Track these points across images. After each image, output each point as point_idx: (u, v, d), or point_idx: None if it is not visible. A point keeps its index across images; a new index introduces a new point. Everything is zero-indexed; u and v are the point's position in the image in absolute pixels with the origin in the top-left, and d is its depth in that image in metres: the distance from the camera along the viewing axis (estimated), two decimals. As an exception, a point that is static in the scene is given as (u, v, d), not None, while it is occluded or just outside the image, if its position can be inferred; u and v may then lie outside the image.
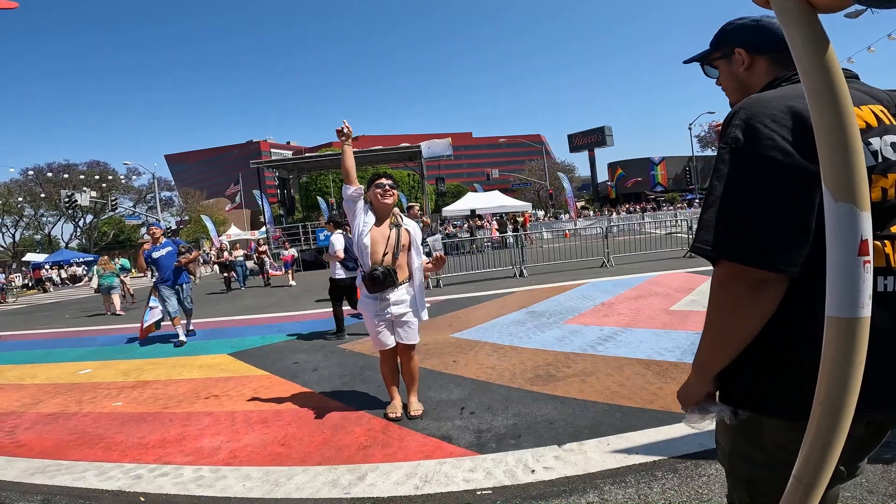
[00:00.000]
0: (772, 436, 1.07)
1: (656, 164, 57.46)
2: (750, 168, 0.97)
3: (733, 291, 0.99)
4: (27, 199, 46.91)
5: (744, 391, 1.09)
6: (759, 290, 0.97)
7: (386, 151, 26.72)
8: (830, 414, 0.80)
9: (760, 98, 1.03)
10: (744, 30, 1.24)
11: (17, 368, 6.72)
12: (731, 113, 1.04)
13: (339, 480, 2.72)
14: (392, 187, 3.53)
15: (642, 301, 7.16)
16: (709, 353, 1.09)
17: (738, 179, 0.98)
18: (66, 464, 3.23)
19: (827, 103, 0.77)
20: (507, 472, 2.66)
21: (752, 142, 0.97)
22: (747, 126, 0.98)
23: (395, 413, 3.59)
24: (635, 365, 4.29)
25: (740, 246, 0.96)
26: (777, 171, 0.94)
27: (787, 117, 0.96)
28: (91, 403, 4.66)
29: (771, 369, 1.04)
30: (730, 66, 1.27)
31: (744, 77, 1.24)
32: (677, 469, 2.51)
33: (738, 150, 0.98)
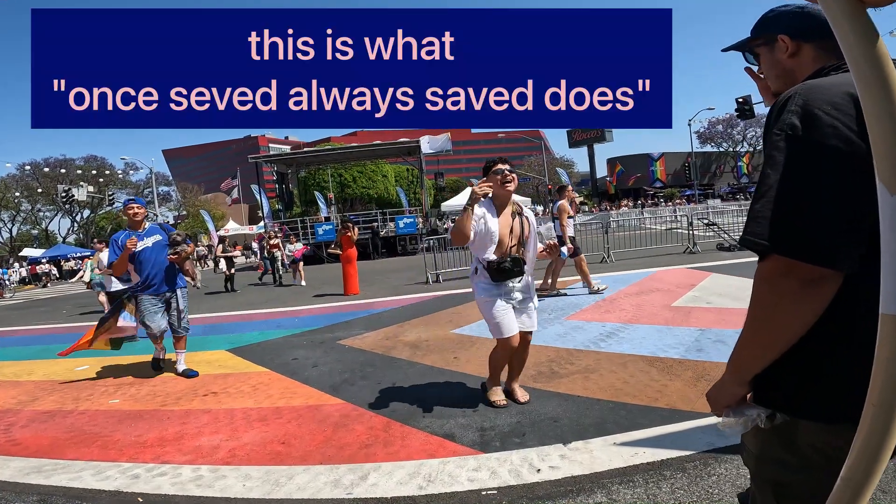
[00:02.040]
0: (808, 439, 1.01)
1: (655, 160, 57.38)
2: (809, 157, 0.91)
3: (783, 289, 0.93)
4: (24, 194, 46.69)
5: (783, 394, 1.03)
6: (811, 288, 0.91)
7: (385, 146, 26.67)
8: (884, 415, 0.76)
9: (816, 84, 0.98)
10: (787, 17, 1.20)
11: (14, 365, 6.65)
12: (784, 99, 0.99)
13: (340, 480, 2.67)
14: (511, 171, 3.41)
15: (643, 297, 7.12)
16: (748, 354, 1.03)
17: (796, 168, 0.91)
18: (63, 463, 3.18)
19: (878, 94, 0.73)
20: (512, 471, 2.61)
21: (812, 129, 0.91)
22: (805, 112, 0.93)
23: (504, 401, 3.57)
24: (639, 362, 4.24)
25: (796, 239, 0.89)
26: (839, 161, 0.88)
27: (850, 105, 0.91)
28: (88, 401, 4.61)
29: (812, 371, 0.99)
30: (772, 54, 1.23)
31: (787, 64, 1.19)
32: (686, 468, 2.47)
33: (795, 138, 0.93)
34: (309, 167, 32.71)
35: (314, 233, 22.88)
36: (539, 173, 50.41)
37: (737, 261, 9.64)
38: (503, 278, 3.34)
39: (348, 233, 10.97)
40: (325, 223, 23.90)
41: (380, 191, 36.15)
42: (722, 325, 5.19)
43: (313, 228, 23.43)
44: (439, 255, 12.04)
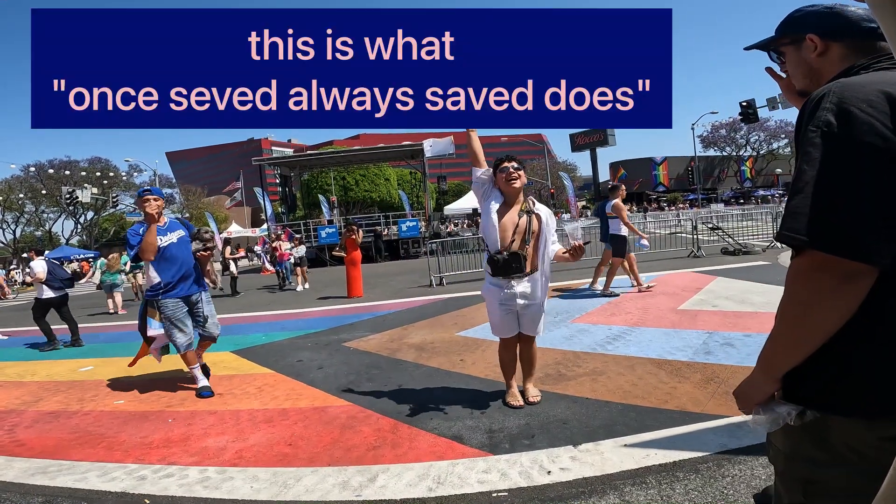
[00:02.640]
0: (840, 435, 1.00)
1: (658, 164, 57.38)
2: (846, 153, 0.91)
3: (818, 284, 0.93)
4: (28, 196, 46.85)
5: (815, 391, 1.02)
6: (847, 283, 0.90)
7: (388, 149, 26.65)
8: None
9: (850, 82, 0.99)
10: (815, 16, 1.20)
11: (18, 365, 6.64)
12: (818, 96, 0.99)
13: (349, 482, 2.64)
14: (517, 169, 3.37)
15: (649, 300, 7.08)
16: (781, 350, 1.03)
17: (833, 164, 0.92)
18: (68, 464, 3.16)
19: None
20: (522, 473, 2.58)
21: (848, 126, 0.92)
22: (840, 109, 0.94)
23: (517, 401, 3.52)
24: (647, 364, 4.21)
25: (833, 234, 0.89)
26: (876, 158, 0.89)
27: (885, 102, 0.92)
28: (93, 401, 4.59)
29: (843, 366, 0.97)
30: (799, 53, 1.24)
31: (815, 63, 1.20)
32: (699, 469, 2.44)
33: (831, 135, 0.93)
34: (312, 170, 32.76)
35: (317, 236, 22.90)
36: (541, 177, 50.41)
37: (742, 265, 9.61)
38: (500, 273, 3.31)
39: (353, 235, 10.95)
40: (328, 226, 23.91)
41: (382, 194, 36.21)
42: (729, 327, 5.16)
43: (316, 231, 23.45)
44: (443, 259, 12.01)
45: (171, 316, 4.43)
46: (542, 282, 3.42)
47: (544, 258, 3.38)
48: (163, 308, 4.44)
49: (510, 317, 3.43)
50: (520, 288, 3.34)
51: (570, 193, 33.49)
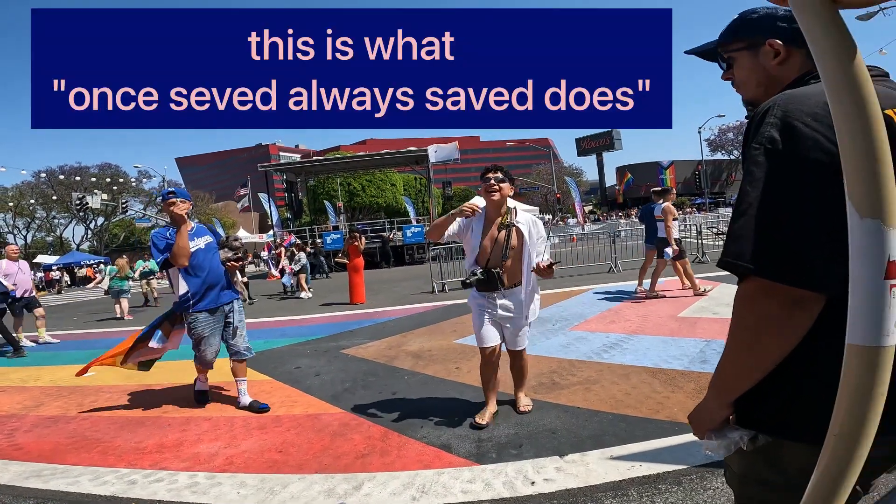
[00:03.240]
0: (794, 460, 0.98)
1: (665, 169, 57.16)
2: (789, 172, 0.87)
3: (764, 310, 0.90)
4: (39, 202, 47.57)
5: (767, 415, 1.00)
6: (794, 310, 0.88)
7: (393, 155, 26.80)
8: (845, 447, 0.73)
9: (795, 95, 0.94)
10: (777, 19, 1.12)
11: (22, 370, 6.74)
12: (763, 111, 0.95)
13: (335, 489, 2.66)
14: (500, 181, 3.26)
15: (650, 307, 7.06)
16: (731, 375, 1.00)
17: (776, 184, 0.88)
18: (62, 468, 3.20)
19: (851, 107, 0.69)
20: (506, 483, 2.59)
21: (792, 142, 0.88)
22: (784, 125, 0.90)
23: (482, 419, 3.37)
24: (641, 373, 4.20)
25: (777, 261, 0.86)
26: (820, 175, 0.85)
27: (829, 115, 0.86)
28: (92, 406, 4.64)
29: (795, 391, 0.96)
30: (755, 59, 1.16)
31: (774, 71, 1.13)
32: (681, 482, 2.43)
33: (775, 152, 0.89)
34: (318, 176, 32.96)
35: (323, 241, 23.04)
36: (547, 182, 50.38)
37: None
38: (480, 288, 3.29)
39: (355, 242, 11.01)
40: (334, 232, 24.04)
41: (388, 200, 36.31)
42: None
43: (322, 237, 23.58)
44: (446, 265, 12.03)
45: (200, 334, 4.13)
46: (526, 295, 3.32)
47: (528, 272, 3.27)
48: (194, 324, 4.11)
49: (492, 326, 3.36)
50: (501, 301, 3.30)
51: (576, 198, 33.41)
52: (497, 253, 3.25)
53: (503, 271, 3.24)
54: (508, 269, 3.26)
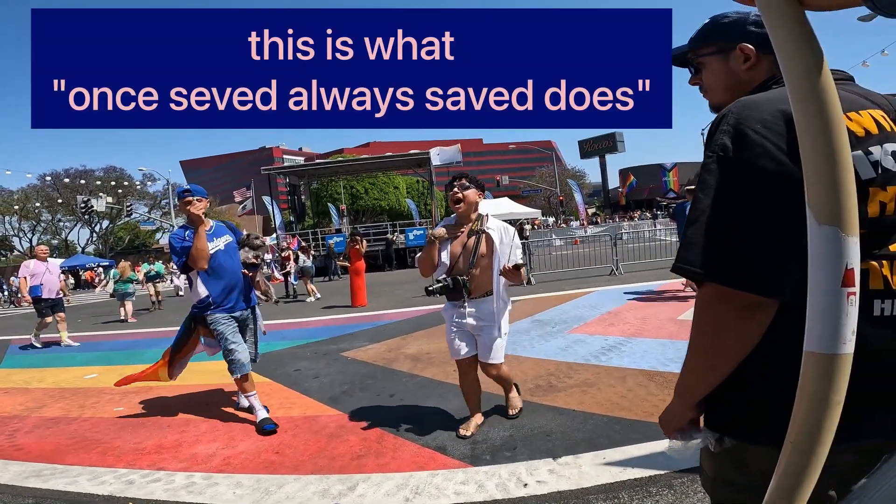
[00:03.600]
0: (757, 462, 1.00)
1: (668, 170, 57.04)
2: (739, 179, 0.89)
3: (719, 315, 0.92)
4: (44, 205, 47.84)
5: (729, 418, 1.02)
6: (747, 315, 0.89)
7: (395, 158, 26.86)
8: (801, 455, 0.74)
9: (750, 101, 0.95)
10: (749, 24, 1.12)
11: (25, 372, 6.79)
12: (718, 118, 0.96)
13: (329, 490, 2.69)
14: (464, 188, 3.16)
15: (650, 310, 7.07)
16: (692, 378, 1.02)
17: (726, 192, 0.89)
18: (61, 468, 3.24)
19: (813, 112, 0.69)
20: (499, 485, 2.61)
21: (741, 149, 0.89)
22: (736, 132, 0.90)
23: (466, 430, 3.28)
24: (638, 376, 4.21)
25: (728, 267, 0.88)
26: (769, 183, 0.86)
27: (781, 122, 0.88)
28: (93, 408, 4.68)
29: (758, 395, 0.97)
30: (724, 64, 1.16)
31: (744, 76, 1.13)
32: (673, 485, 2.44)
33: (725, 160, 0.90)
34: (321, 179, 33.09)
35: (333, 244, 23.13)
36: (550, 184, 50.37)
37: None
38: (449, 297, 3.20)
39: (357, 245, 11.05)
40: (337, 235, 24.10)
41: (392, 202, 36.42)
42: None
43: (325, 240, 23.65)
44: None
45: (225, 331, 3.80)
46: (496, 305, 3.18)
47: (499, 280, 3.14)
48: (215, 323, 3.80)
49: (462, 336, 3.25)
50: (469, 311, 3.16)
51: (579, 201, 33.39)
52: (465, 260, 3.15)
53: (470, 279, 3.12)
54: (476, 277, 3.14)
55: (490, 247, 3.13)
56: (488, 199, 35.53)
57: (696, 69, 1.24)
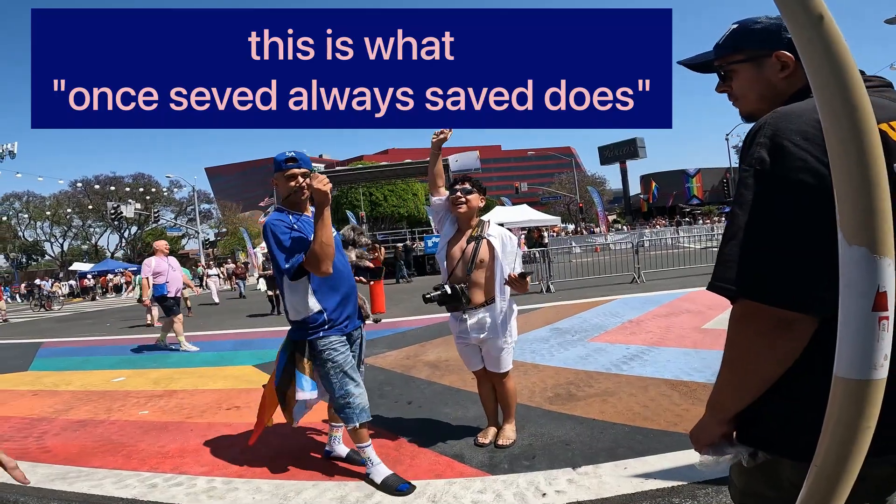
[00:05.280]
0: (790, 476, 0.98)
1: (691, 177, 56.17)
2: (777, 194, 0.86)
3: (755, 332, 0.90)
4: (76, 211, 49.29)
5: (764, 432, 1.00)
6: (784, 332, 0.87)
7: (414, 165, 26.97)
8: (826, 480, 0.71)
9: (787, 112, 0.92)
10: (784, 29, 1.07)
11: (55, 375, 6.97)
12: (754, 130, 0.94)
13: (347, 497, 2.69)
14: (466, 192, 3.06)
15: (673, 318, 6.94)
16: (726, 394, 1.01)
17: (765, 207, 0.87)
18: (87, 470, 3.31)
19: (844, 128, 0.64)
20: (517, 494, 2.58)
21: (780, 163, 0.86)
22: (774, 144, 0.88)
23: (484, 438, 3.25)
24: (661, 385, 4.13)
25: (765, 284, 0.86)
26: (809, 197, 0.83)
27: (820, 134, 0.84)
28: (120, 411, 4.78)
29: (794, 410, 0.95)
30: (758, 71, 1.12)
31: (780, 85, 1.09)
32: (696, 495, 2.39)
33: (763, 173, 0.88)
34: (341, 186, 33.43)
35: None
36: (570, 191, 50.01)
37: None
38: (448, 307, 3.09)
39: (374, 253, 11.11)
40: None
41: (410, 209, 36.59)
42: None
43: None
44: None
45: (344, 362, 2.79)
46: (500, 313, 3.05)
47: (502, 287, 3.03)
48: (331, 352, 2.77)
49: (469, 350, 3.19)
50: (471, 320, 3.05)
51: (599, 208, 33.06)
52: (463, 266, 3.05)
53: (468, 287, 3.02)
54: (475, 284, 3.04)
55: (491, 253, 3.03)
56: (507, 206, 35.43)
57: (724, 77, 1.20)
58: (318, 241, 2.57)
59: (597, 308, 8.37)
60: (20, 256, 50.13)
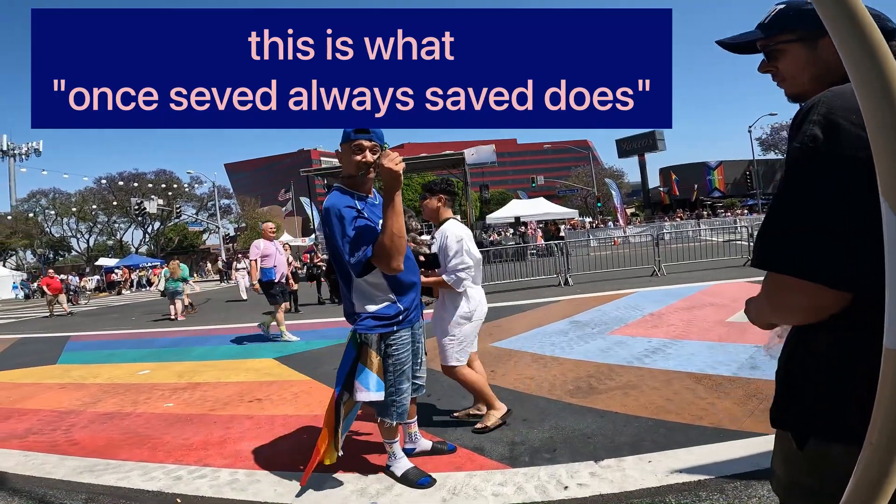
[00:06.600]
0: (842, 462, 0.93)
1: (713, 169, 55.10)
2: (831, 171, 0.85)
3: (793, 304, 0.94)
4: (101, 207, 50.33)
5: (814, 419, 0.98)
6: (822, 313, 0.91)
7: (430, 159, 26.95)
8: (881, 457, 0.69)
9: (842, 90, 0.91)
10: None
11: (82, 368, 7.14)
12: (807, 107, 0.93)
13: (367, 489, 2.70)
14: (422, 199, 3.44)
15: (696, 312, 6.81)
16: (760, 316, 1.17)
17: (816, 184, 0.86)
18: (114, 463, 3.37)
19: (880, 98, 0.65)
20: (538, 487, 2.55)
21: (835, 141, 0.86)
22: (828, 122, 0.87)
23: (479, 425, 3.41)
24: (685, 379, 4.06)
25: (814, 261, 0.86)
26: (863, 174, 0.81)
27: None
28: (145, 404, 4.87)
29: (846, 394, 0.93)
30: (810, 52, 1.11)
31: (834, 65, 1.06)
32: (724, 489, 2.34)
33: (816, 151, 0.87)
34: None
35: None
36: (587, 184, 49.48)
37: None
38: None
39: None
40: None
41: (427, 203, 36.55)
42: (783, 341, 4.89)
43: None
44: (483, 268, 11.98)
45: (406, 361, 2.67)
46: (443, 309, 3.41)
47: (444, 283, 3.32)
48: (397, 350, 2.62)
49: None
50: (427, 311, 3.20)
51: (617, 201, 32.65)
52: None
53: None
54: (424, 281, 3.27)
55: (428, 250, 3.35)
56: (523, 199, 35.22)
57: (770, 56, 1.19)
58: (388, 232, 2.34)
59: (616, 301, 8.27)
60: (47, 252, 51.44)
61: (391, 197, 2.39)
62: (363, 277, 2.51)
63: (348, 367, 2.62)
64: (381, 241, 2.37)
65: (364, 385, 2.56)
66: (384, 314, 2.57)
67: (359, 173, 2.57)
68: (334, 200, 2.52)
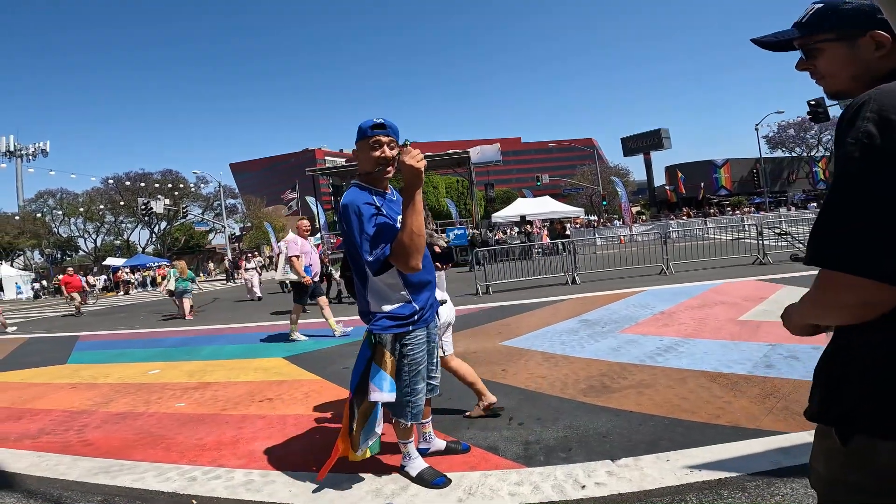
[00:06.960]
0: (888, 460, 0.94)
1: (719, 167, 54.82)
2: (885, 167, 0.86)
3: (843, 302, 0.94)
4: (108, 207, 50.54)
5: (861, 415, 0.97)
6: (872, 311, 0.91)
7: (435, 157, 26.88)
8: None
9: (891, 88, 0.93)
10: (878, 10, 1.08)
11: (92, 368, 7.17)
12: (857, 105, 0.94)
13: (382, 490, 2.68)
14: None
15: (706, 310, 6.76)
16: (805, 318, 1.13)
17: (873, 179, 0.87)
18: (129, 464, 3.37)
19: None
20: (555, 486, 2.53)
21: (889, 137, 0.87)
22: (882, 119, 0.88)
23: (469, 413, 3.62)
24: (699, 377, 4.02)
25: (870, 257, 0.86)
26: None
27: None
28: (157, 403, 4.88)
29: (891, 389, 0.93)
30: (849, 51, 1.12)
31: (874, 64, 1.09)
32: (746, 488, 2.31)
33: (872, 147, 0.88)
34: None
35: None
36: (592, 183, 49.31)
37: (812, 272, 8.99)
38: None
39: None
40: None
41: (431, 202, 36.51)
42: (795, 339, 4.81)
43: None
44: (490, 267, 11.97)
45: (422, 361, 2.60)
46: None
47: None
48: (413, 350, 2.55)
49: None
50: None
51: (622, 199, 32.51)
52: None
53: None
54: None
55: None
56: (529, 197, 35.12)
57: (808, 54, 1.20)
58: (408, 230, 2.24)
59: (625, 300, 8.22)
60: (55, 252, 51.71)
61: (412, 195, 2.29)
62: (379, 276, 2.43)
63: (363, 367, 2.57)
64: (401, 239, 2.26)
65: (378, 386, 2.49)
66: (399, 314, 2.49)
67: (376, 169, 2.47)
68: (353, 196, 2.40)
